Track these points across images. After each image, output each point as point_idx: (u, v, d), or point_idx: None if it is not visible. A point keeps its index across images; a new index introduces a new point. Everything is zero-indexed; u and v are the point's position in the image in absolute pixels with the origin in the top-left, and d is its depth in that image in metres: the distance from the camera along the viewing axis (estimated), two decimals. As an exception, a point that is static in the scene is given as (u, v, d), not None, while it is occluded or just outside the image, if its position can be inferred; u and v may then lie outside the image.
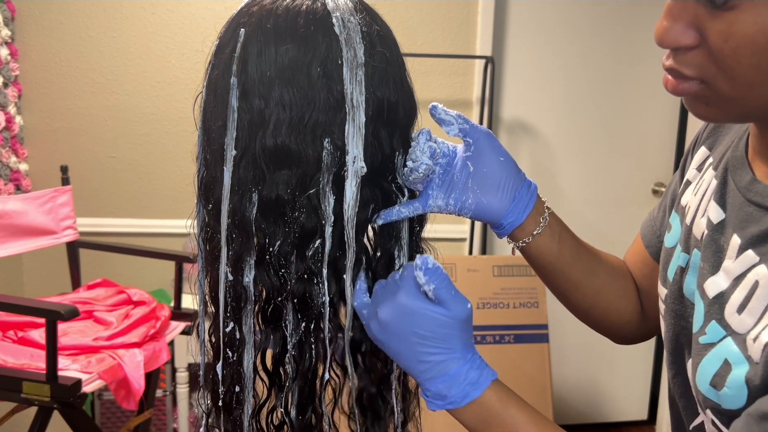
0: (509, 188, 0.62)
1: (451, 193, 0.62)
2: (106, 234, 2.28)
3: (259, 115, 0.55)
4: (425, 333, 0.55)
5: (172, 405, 2.27)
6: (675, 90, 0.51)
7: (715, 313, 0.53)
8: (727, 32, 0.45)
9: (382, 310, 0.56)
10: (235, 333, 0.60)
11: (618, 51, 2.49)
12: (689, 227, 0.61)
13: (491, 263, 2.09)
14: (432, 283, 0.54)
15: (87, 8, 2.17)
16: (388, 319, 0.55)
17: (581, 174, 2.57)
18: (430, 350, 0.55)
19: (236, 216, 0.57)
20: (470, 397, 0.55)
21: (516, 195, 0.63)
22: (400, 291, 0.56)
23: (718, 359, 0.51)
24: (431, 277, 0.54)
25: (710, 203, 0.57)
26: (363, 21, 0.57)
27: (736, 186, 0.55)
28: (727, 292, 0.52)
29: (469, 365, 0.56)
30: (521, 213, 0.63)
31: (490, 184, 0.62)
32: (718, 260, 0.54)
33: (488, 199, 0.62)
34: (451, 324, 0.55)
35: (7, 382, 1.47)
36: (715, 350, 0.51)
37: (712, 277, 0.54)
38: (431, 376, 0.56)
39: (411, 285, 0.56)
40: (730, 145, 0.59)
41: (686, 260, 0.60)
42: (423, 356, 0.55)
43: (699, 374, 0.53)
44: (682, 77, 0.50)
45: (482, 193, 0.62)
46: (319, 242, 0.57)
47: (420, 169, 0.60)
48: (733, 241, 0.53)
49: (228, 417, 0.62)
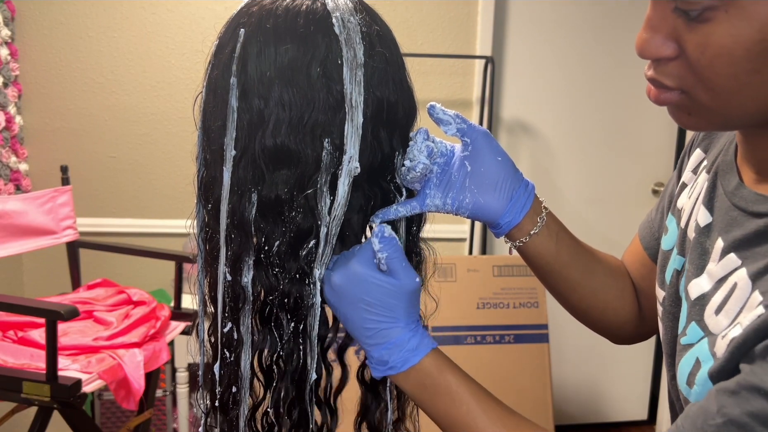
0: (506, 188, 0.63)
1: (449, 193, 0.63)
2: (106, 234, 2.28)
3: (258, 115, 0.55)
4: (371, 300, 0.57)
5: (172, 405, 2.27)
6: (657, 100, 0.51)
7: (695, 315, 0.53)
8: (703, 44, 0.45)
9: (336, 274, 0.58)
10: (233, 333, 0.60)
11: (618, 51, 2.49)
12: (684, 230, 0.61)
13: (491, 263, 2.09)
14: (385, 251, 0.57)
15: (87, 8, 2.17)
16: (339, 283, 0.58)
17: (581, 174, 2.57)
18: (374, 317, 0.57)
19: (235, 216, 0.57)
20: (409, 362, 0.58)
21: (513, 195, 0.63)
22: (354, 258, 0.58)
23: (692, 358, 0.52)
24: (385, 245, 0.57)
25: (700, 207, 0.58)
26: (363, 21, 0.57)
27: (724, 190, 0.55)
28: (708, 294, 0.53)
29: (411, 334, 0.58)
30: (518, 213, 0.64)
31: (487, 183, 0.62)
32: (703, 263, 0.55)
33: (485, 199, 0.63)
34: (396, 294, 0.57)
35: (7, 382, 1.47)
36: (692, 350, 0.52)
37: (695, 279, 0.55)
38: (374, 343, 0.58)
39: (366, 254, 0.58)
40: (722, 149, 0.60)
41: (682, 263, 0.61)
42: (368, 323, 0.58)
43: (679, 374, 0.54)
44: (664, 87, 0.50)
45: (480, 193, 0.62)
46: (314, 243, 0.58)
47: (417, 168, 0.60)
48: (717, 245, 0.53)
49: (225, 417, 0.62)
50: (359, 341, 0.60)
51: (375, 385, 0.66)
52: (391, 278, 0.57)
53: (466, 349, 2.03)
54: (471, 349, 2.03)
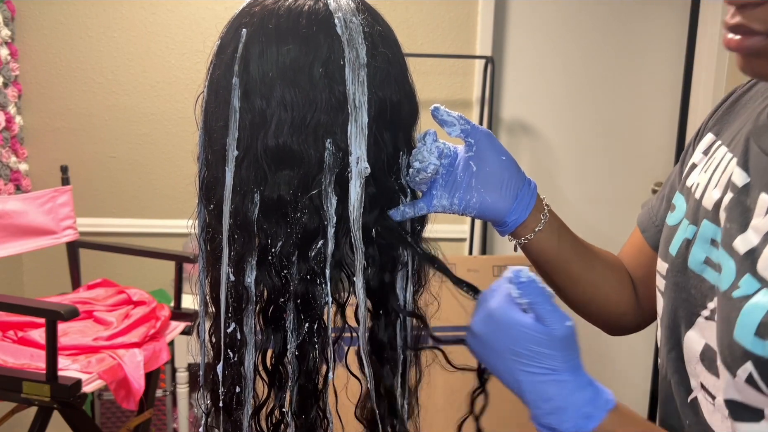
0: (512, 186, 0.64)
1: (455, 193, 0.63)
2: (106, 234, 2.28)
3: (260, 116, 0.55)
4: (520, 350, 0.52)
5: (172, 405, 2.27)
6: (739, 47, 0.52)
7: (747, 268, 0.54)
8: None
9: (475, 321, 0.56)
10: (236, 333, 0.60)
11: (618, 51, 2.49)
12: (698, 201, 0.62)
13: (491, 263, 2.08)
14: (526, 297, 0.53)
15: (87, 8, 2.17)
16: (480, 331, 0.55)
17: (581, 174, 2.58)
18: (527, 369, 0.52)
19: (238, 216, 0.57)
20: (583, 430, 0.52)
21: (518, 193, 0.64)
22: (492, 300, 0.55)
23: (760, 309, 0.51)
24: (525, 291, 0.53)
25: (733, 170, 0.59)
26: (365, 21, 0.57)
27: (762, 150, 0.56)
28: (758, 247, 0.53)
29: (578, 390, 0.53)
30: (524, 210, 0.65)
31: (493, 183, 0.63)
32: (746, 219, 0.55)
33: (492, 198, 0.64)
34: (547, 342, 0.52)
35: (7, 382, 1.47)
36: (753, 301, 0.52)
37: (741, 236, 0.55)
38: (535, 399, 0.53)
39: (503, 296, 0.54)
40: (744, 124, 0.61)
41: (693, 232, 0.62)
42: (520, 374, 0.53)
43: (739, 328, 0.52)
44: (750, 33, 0.51)
45: (486, 192, 0.63)
46: (321, 243, 0.57)
47: (428, 169, 0.61)
48: (762, 200, 0.54)
49: (228, 417, 0.62)
50: (519, 397, 0.54)
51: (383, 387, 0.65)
52: (538, 324, 0.52)
53: (466, 349, 2.02)
54: (471, 349, 2.03)
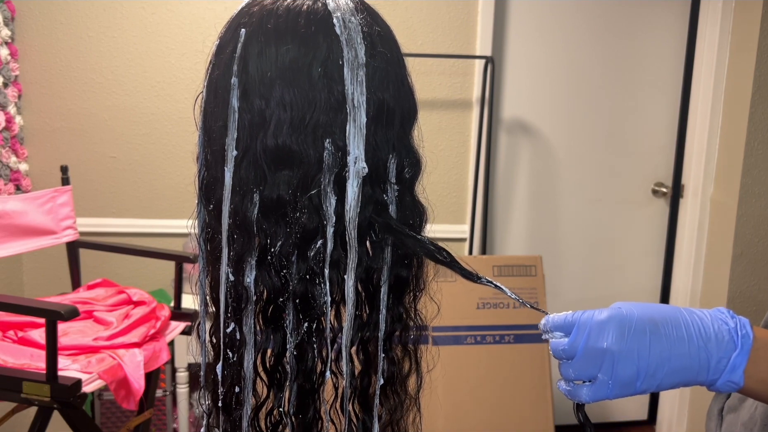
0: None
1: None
2: (107, 234, 2.28)
3: (259, 116, 0.55)
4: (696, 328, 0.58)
5: (172, 405, 2.27)
6: None
7: None
8: None
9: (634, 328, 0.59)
10: (235, 333, 0.60)
11: (618, 51, 2.49)
12: None
13: (491, 263, 2.08)
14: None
15: (87, 8, 2.17)
16: (614, 349, 0.58)
17: (581, 174, 2.58)
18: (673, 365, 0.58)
19: (237, 216, 0.57)
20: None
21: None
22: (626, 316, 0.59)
23: None
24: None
25: None
26: (364, 21, 0.57)
27: None
28: None
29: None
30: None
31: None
32: None
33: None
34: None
35: (7, 382, 1.46)
36: None
37: None
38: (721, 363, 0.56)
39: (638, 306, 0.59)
40: None
41: None
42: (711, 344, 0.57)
43: None
44: None
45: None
46: (321, 242, 0.57)
47: None
48: None
49: (228, 417, 0.62)
50: (703, 375, 0.58)
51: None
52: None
53: (466, 349, 2.03)
54: (471, 349, 2.03)
